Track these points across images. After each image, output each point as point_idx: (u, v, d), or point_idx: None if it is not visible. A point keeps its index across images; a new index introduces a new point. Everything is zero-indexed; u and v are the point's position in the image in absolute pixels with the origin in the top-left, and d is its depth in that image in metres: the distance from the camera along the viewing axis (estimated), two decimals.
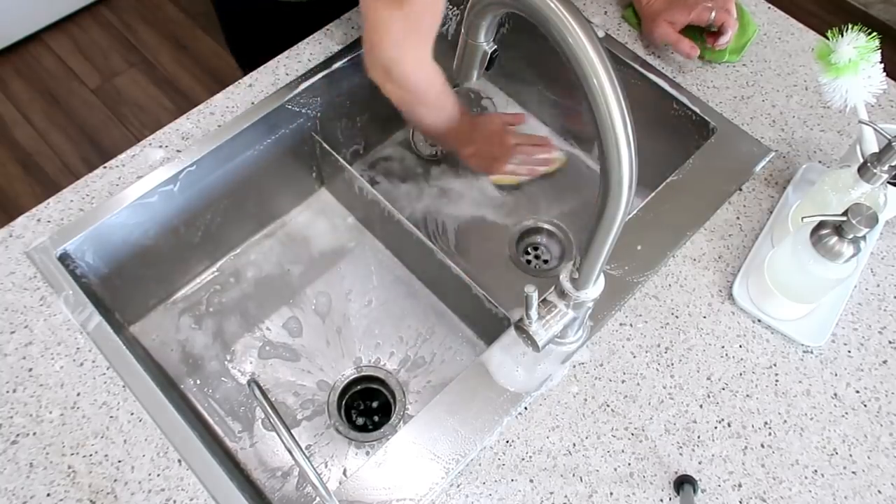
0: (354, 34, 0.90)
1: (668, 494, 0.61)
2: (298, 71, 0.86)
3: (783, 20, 0.93)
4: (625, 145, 0.41)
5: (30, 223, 0.74)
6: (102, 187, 0.76)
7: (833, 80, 0.66)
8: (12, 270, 0.71)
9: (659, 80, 0.86)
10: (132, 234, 0.78)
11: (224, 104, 0.83)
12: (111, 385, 0.65)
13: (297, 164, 0.92)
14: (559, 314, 0.60)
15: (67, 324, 0.68)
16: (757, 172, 0.80)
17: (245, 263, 0.93)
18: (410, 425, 0.63)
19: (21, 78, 2.09)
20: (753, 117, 0.84)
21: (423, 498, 0.60)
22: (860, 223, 0.56)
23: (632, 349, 0.68)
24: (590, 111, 0.41)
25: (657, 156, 0.92)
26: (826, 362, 0.68)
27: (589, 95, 0.40)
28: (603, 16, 0.93)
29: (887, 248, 0.75)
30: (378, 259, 0.94)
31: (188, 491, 0.61)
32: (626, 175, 0.43)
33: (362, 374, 0.86)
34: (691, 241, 0.75)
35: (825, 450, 0.64)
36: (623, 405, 0.65)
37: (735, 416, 0.65)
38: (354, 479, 0.61)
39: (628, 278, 0.72)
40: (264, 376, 0.85)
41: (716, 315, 0.70)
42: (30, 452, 0.62)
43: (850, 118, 0.84)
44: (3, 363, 0.66)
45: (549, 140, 1.00)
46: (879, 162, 0.61)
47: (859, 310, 0.71)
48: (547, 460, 0.63)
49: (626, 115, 0.40)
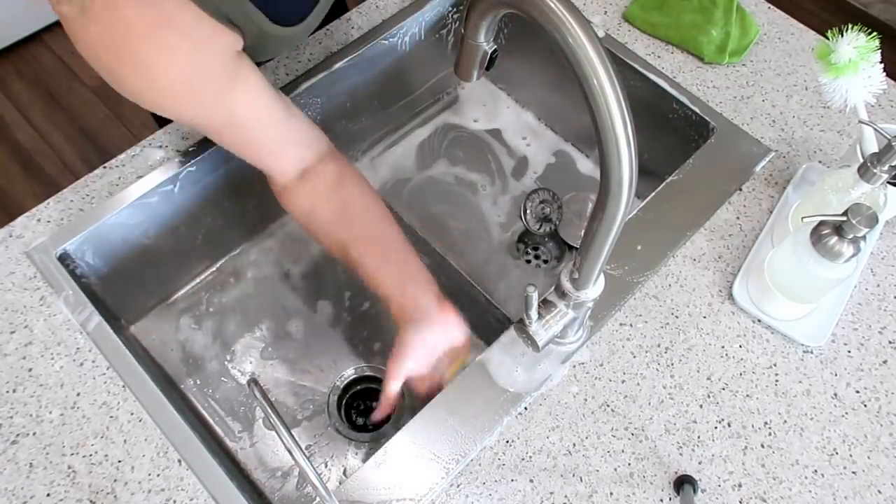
0: (354, 34, 0.90)
1: (668, 494, 0.61)
2: (298, 71, 0.86)
3: (783, 20, 0.93)
4: (625, 145, 0.41)
5: (30, 223, 0.74)
6: (102, 187, 0.76)
7: (833, 80, 0.66)
8: (12, 270, 0.71)
9: (659, 80, 0.86)
10: (132, 234, 0.78)
11: None
12: (111, 385, 0.65)
13: None
14: (559, 314, 0.60)
15: (67, 324, 0.68)
16: (757, 172, 0.80)
17: (245, 263, 0.93)
18: (410, 425, 0.63)
19: (21, 78, 2.09)
20: (753, 117, 0.84)
21: (423, 498, 0.60)
22: (860, 223, 0.56)
23: (632, 349, 0.68)
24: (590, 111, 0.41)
25: (657, 156, 0.92)
26: (826, 362, 0.68)
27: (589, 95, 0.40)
28: (603, 16, 0.93)
29: (887, 248, 0.75)
30: None
31: (188, 491, 0.61)
32: (626, 175, 0.43)
33: (362, 374, 0.86)
34: (691, 241, 0.75)
35: (825, 450, 0.64)
36: (623, 405, 0.65)
37: (735, 416, 0.65)
38: (354, 479, 0.61)
39: (628, 278, 0.72)
40: (264, 376, 0.85)
41: (716, 315, 0.70)
42: (30, 452, 0.62)
43: (850, 118, 0.84)
44: (3, 363, 0.66)
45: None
46: (879, 162, 0.61)
47: (859, 310, 0.71)
48: (547, 460, 0.63)
49: (626, 115, 0.40)
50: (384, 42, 0.90)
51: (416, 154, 1.04)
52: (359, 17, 0.92)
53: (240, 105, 0.61)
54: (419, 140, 1.05)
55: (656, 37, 0.90)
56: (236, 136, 0.64)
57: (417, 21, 0.92)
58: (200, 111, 0.59)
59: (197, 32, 0.54)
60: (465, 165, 1.03)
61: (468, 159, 1.03)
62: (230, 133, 0.64)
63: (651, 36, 0.90)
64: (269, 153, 0.67)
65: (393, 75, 0.95)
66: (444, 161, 1.03)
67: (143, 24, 0.51)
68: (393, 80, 0.96)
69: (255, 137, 0.65)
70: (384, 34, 0.89)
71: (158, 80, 0.54)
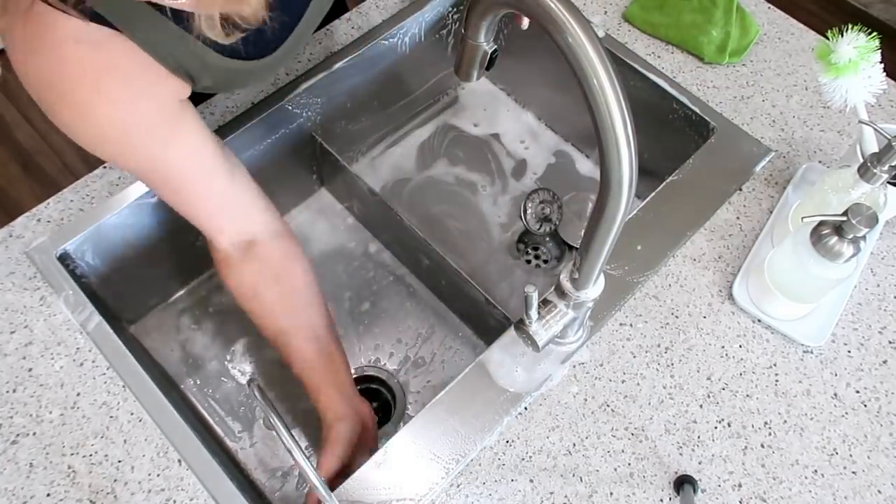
0: (355, 34, 0.90)
1: (668, 494, 0.61)
2: (298, 71, 0.86)
3: (783, 20, 0.93)
4: (625, 145, 0.41)
5: (30, 223, 0.74)
6: (102, 187, 0.76)
7: (833, 80, 0.66)
8: (12, 270, 0.71)
9: (659, 80, 0.86)
10: (132, 234, 0.78)
11: (224, 104, 0.83)
12: (111, 385, 0.65)
13: (297, 164, 0.92)
14: (559, 314, 0.60)
15: (67, 324, 0.68)
16: (757, 172, 0.80)
17: None
18: (410, 425, 0.63)
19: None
20: (753, 117, 0.84)
21: (423, 498, 0.60)
22: (860, 223, 0.56)
23: (632, 349, 0.68)
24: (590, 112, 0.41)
25: (657, 156, 0.92)
26: (826, 362, 0.68)
27: (589, 96, 0.40)
28: (603, 16, 0.93)
29: (887, 248, 0.75)
30: (378, 259, 0.94)
31: (188, 491, 0.61)
32: (626, 175, 0.43)
33: (362, 375, 0.86)
34: (691, 241, 0.75)
35: (825, 450, 0.64)
36: (623, 405, 0.65)
37: (735, 416, 0.65)
38: (354, 479, 0.61)
39: (628, 278, 0.72)
40: (264, 376, 0.85)
41: (716, 315, 0.70)
42: (30, 452, 0.62)
43: (850, 118, 0.84)
44: (3, 363, 0.66)
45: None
46: (879, 162, 0.61)
47: (859, 310, 0.71)
48: (547, 460, 0.63)
49: (626, 115, 0.40)
50: (384, 42, 0.90)
51: (416, 154, 1.04)
52: (359, 17, 0.92)
53: (178, 156, 0.59)
54: (419, 140, 1.05)
55: (656, 37, 0.90)
56: (173, 190, 0.62)
57: (417, 21, 0.92)
58: (137, 159, 0.58)
59: (140, 80, 0.52)
60: (465, 165, 1.03)
61: (468, 159, 1.03)
62: (168, 186, 0.62)
63: (651, 36, 0.90)
64: (208, 216, 0.65)
65: (393, 75, 0.95)
66: (444, 161, 1.03)
67: (86, 67, 0.50)
68: (393, 80, 0.96)
69: (192, 194, 0.63)
70: (384, 34, 0.89)
71: (95, 124, 0.53)
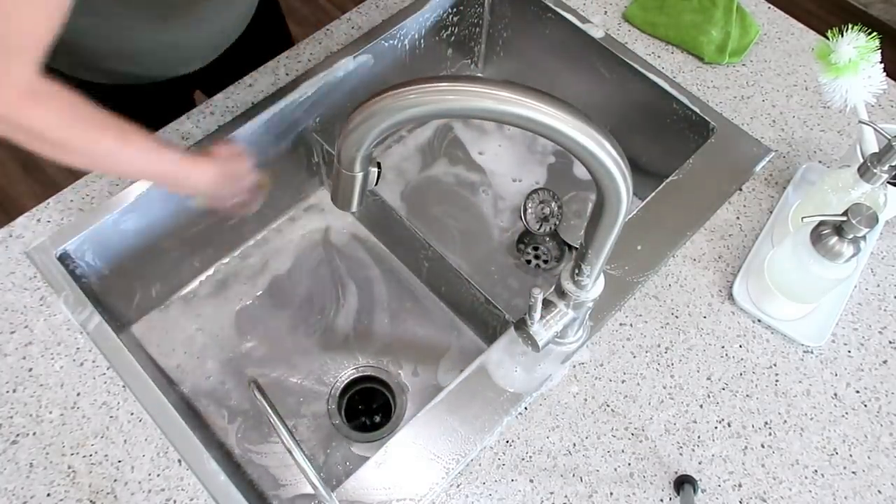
0: (355, 34, 0.90)
1: (668, 494, 0.61)
2: (298, 71, 0.86)
3: (783, 20, 0.93)
4: (613, 166, 0.42)
5: (30, 223, 0.74)
6: (102, 187, 0.76)
7: (833, 80, 0.66)
8: (12, 270, 0.71)
9: (659, 80, 0.86)
10: (132, 234, 0.78)
11: (224, 104, 0.83)
12: (111, 385, 0.65)
13: (297, 164, 0.92)
14: (559, 314, 0.60)
15: (67, 324, 0.68)
16: (757, 172, 0.80)
17: (245, 264, 0.93)
18: (410, 425, 0.63)
19: None
20: (753, 117, 0.84)
21: (423, 498, 0.60)
22: (860, 223, 0.56)
23: (632, 349, 0.68)
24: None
25: (657, 156, 0.92)
26: (826, 362, 0.68)
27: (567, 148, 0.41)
28: (603, 16, 0.93)
29: (887, 248, 0.75)
30: (378, 259, 0.94)
31: (188, 491, 0.61)
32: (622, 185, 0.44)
33: (362, 374, 0.86)
34: (691, 241, 0.75)
35: (825, 450, 0.64)
36: (623, 405, 0.65)
37: (735, 416, 0.65)
38: (354, 479, 0.61)
39: (628, 278, 0.72)
40: (264, 377, 0.85)
41: (716, 315, 0.70)
42: (30, 452, 0.62)
43: (850, 118, 0.84)
44: (3, 363, 0.66)
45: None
46: (879, 162, 0.61)
47: (859, 310, 0.71)
48: (547, 460, 0.63)
49: (601, 138, 0.41)
50: (384, 42, 0.90)
51: (416, 154, 1.04)
52: (359, 17, 0.92)
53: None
54: (419, 140, 1.05)
55: (656, 37, 0.90)
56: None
57: (417, 21, 0.92)
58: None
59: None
60: (465, 165, 1.03)
61: (468, 159, 1.03)
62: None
63: (651, 36, 0.90)
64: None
65: (393, 75, 0.95)
66: (444, 161, 1.03)
67: None
68: (393, 80, 0.96)
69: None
70: (384, 34, 0.89)
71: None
